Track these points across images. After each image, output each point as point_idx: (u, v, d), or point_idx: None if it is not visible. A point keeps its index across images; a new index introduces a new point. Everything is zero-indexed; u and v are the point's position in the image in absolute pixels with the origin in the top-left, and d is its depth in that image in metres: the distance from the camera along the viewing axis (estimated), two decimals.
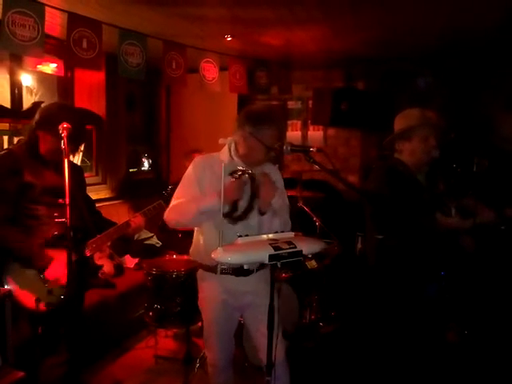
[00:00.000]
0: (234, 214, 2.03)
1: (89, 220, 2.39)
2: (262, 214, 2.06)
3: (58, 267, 2.17)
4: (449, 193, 2.29)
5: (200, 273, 2.24)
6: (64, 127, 1.97)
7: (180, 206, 2.08)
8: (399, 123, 2.34)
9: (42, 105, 2.49)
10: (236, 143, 2.11)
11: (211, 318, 2.21)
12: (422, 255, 2.16)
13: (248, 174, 2.02)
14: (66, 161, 1.91)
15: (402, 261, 2.16)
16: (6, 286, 2.13)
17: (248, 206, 2.06)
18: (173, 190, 2.48)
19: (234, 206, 2.02)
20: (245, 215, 2.05)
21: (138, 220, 2.52)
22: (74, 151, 2.30)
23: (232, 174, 1.99)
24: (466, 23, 3.49)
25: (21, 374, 1.84)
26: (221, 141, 2.11)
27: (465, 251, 2.30)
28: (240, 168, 2.02)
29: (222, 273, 2.10)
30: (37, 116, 2.25)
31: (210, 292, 2.19)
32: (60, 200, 1.99)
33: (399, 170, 2.26)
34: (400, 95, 4.72)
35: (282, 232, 1.72)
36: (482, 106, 4.44)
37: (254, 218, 2.09)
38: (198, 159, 2.18)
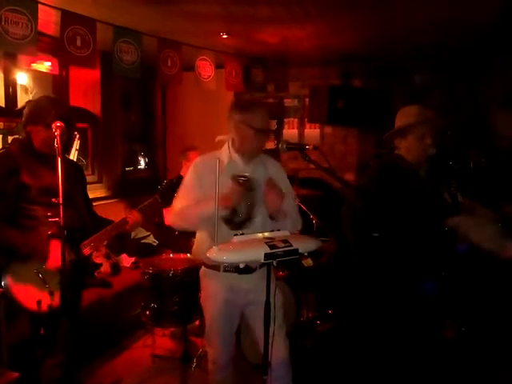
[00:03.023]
0: (234, 219, 2.03)
1: (87, 219, 2.38)
2: (272, 219, 2.06)
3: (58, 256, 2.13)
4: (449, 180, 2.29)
5: (203, 271, 2.24)
6: (57, 126, 1.96)
7: (182, 211, 2.11)
8: (398, 120, 2.35)
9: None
10: (233, 138, 2.12)
11: (213, 315, 2.20)
12: (416, 253, 2.15)
13: (249, 180, 2.00)
14: (59, 159, 1.89)
15: (396, 258, 2.16)
16: (3, 283, 2.11)
17: (247, 214, 2.06)
18: (167, 185, 2.48)
19: (233, 211, 2.02)
20: (243, 223, 2.05)
21: (134, 216, 2.50)
22: (67, 144, 2.29)
23: (234, 178, 1.98)
24: (462, 21, 3.48)
25: (15, 374, 1.82)
26: (219, 138, 2.10)
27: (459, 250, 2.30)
28: (245, 174, 2.01)
29: (224, 271, 2.10)
30: (25, 111, 2.24)
31: (213, 290, 2.19)
32: (53, 199, 1.97)
33: (399, 165, 2.26)
34: (397, 93, 4.72)
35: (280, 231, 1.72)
36: (478, 103, 4.44)
37: (259, 219, 2.09)
38: (198, 160, 2.20)
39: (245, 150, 2.10)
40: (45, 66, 4.02)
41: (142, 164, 5.66)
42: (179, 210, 2.11)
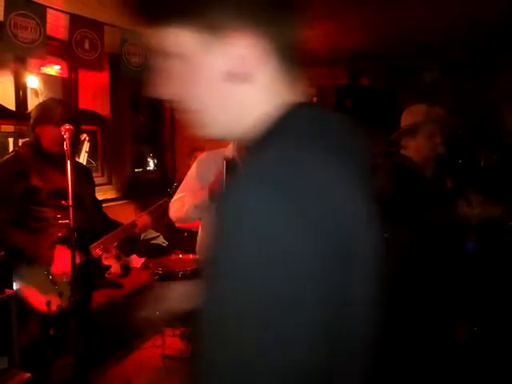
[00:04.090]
0: None
1: (96, 221, 2.39)
2: None
3: (65, 262, 2.16)
4: (460, 187, 2.26)
5: None
6: (66, 129, 1.97)
7: (177, 201, 2.12)
8: (405, 119, 2.32)
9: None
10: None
11: None
12: (428, 252, 2.13)
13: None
14: (68, 162, 1.91)
15: (408, 258, 2.14)
16: (14, 287, 2.14)
17: None
18: (177, 188, 2.49)
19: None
20: None
21: (144, 219, 2.51)
22: (76, 146, 2.30)
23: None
24: (472, 18, 3.44)
25: (27, 375, 1.84)
26: None
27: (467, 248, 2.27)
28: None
29: None
30: (33, 114, 2.25)
31: None
32: (63, 201, 1.99)
33: (405, 167, 2.24)
34: (405, 91, 4.68)
35: None
36: (488, 101, 4.39)
37: None
38: (202, 155, 2.21)
39: None
40: (54, 69, 4.06)
41: (151, 165, 5.68)
42: (174, 200, 2.13)
